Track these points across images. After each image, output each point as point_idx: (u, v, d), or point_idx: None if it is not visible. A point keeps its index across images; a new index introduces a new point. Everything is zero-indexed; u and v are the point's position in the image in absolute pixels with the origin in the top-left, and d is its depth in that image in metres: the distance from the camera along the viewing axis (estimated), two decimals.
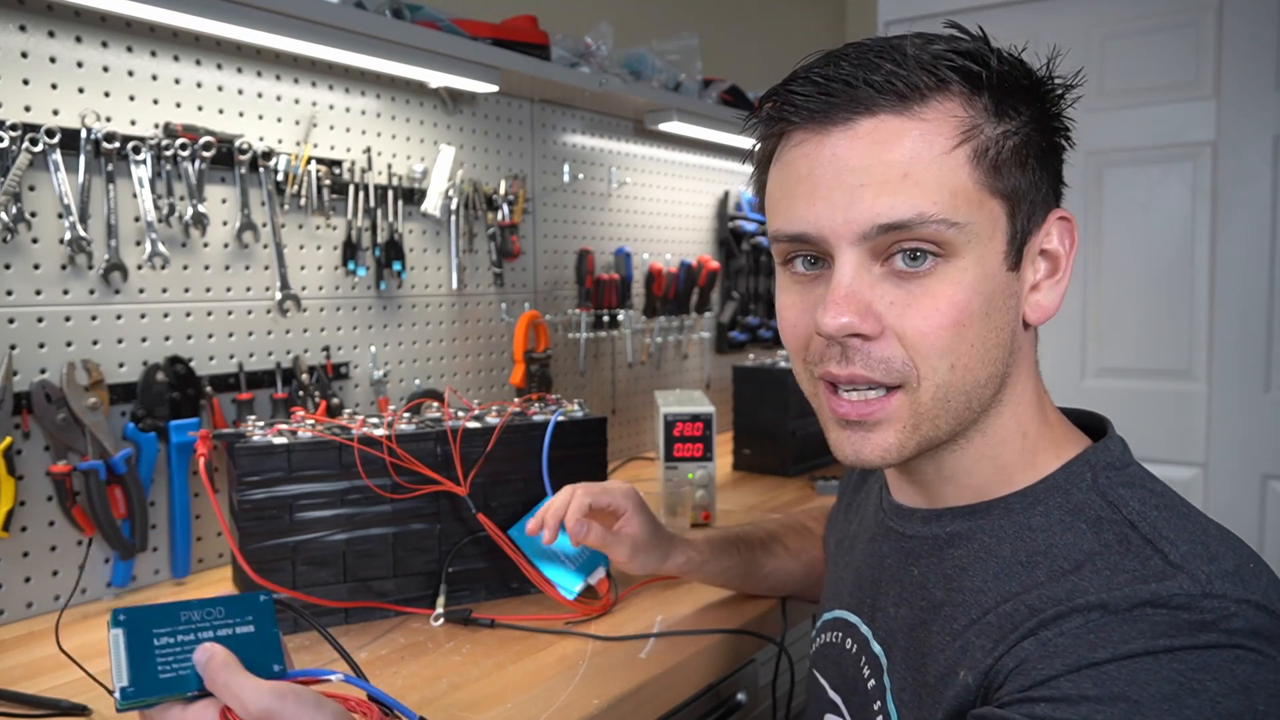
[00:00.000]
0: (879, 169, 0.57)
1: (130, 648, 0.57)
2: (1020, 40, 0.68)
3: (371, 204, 1.46)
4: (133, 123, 1.18)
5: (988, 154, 0.58)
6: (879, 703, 0.67)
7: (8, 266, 1.08)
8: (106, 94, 1.15)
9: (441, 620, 1.05)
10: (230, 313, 1.30)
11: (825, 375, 0.62)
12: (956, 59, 0.58)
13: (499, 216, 1.67)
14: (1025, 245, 0.61)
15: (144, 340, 1.21)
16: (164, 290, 1.22)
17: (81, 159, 1.12)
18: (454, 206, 1.58)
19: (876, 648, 0.70)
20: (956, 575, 0.64)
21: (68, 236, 1.11)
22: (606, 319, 1.88)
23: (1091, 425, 0.70)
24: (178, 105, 1.22)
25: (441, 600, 1.07)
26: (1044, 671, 0.53)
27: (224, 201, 1.28)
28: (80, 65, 1.13)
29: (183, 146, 1.21)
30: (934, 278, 0.58)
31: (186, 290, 1.25)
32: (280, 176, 1.33)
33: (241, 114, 1.29)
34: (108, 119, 1.15)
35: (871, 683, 0.69)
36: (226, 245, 1.29)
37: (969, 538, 0.65)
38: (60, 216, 1.11)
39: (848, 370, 0.60)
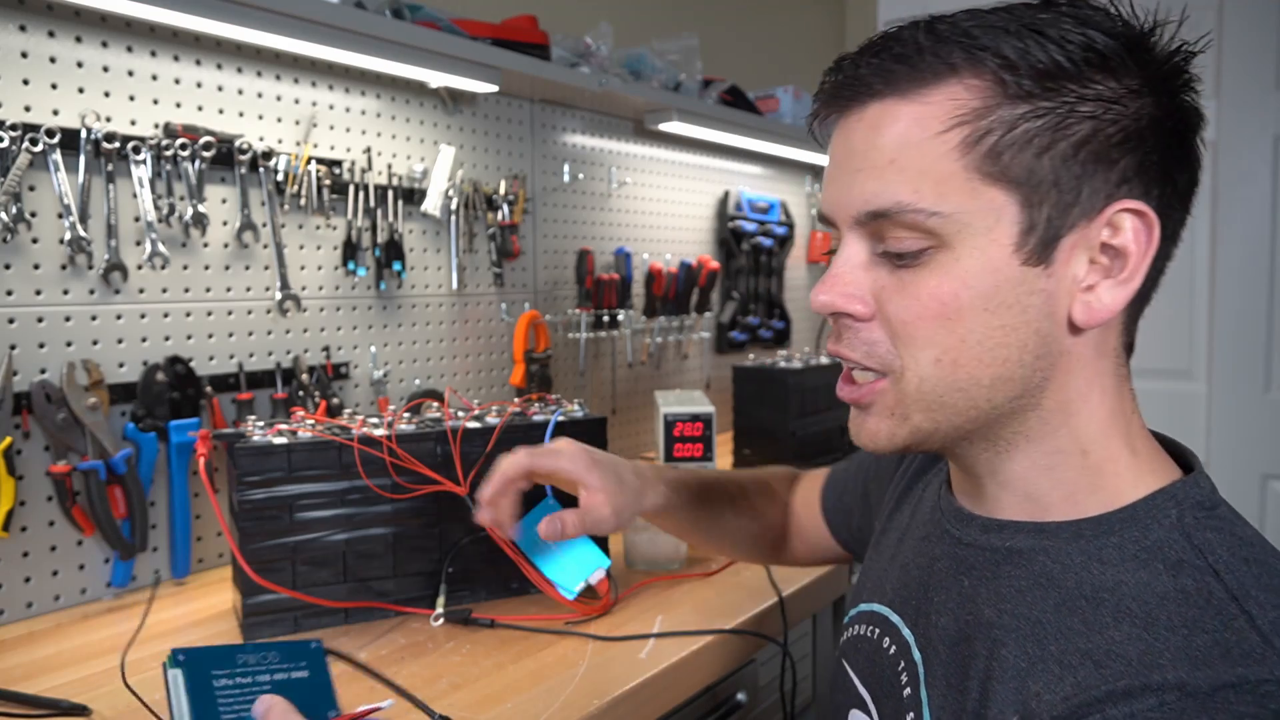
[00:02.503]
0: (871, 154, 0.58)
1: (191, 689, 0.56)
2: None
3: (371, 204, 1.46)
4: (133, 123, 1.18)
5: (985, 139, 0.55)
6: (913, 714, 0.63)
7: (8, 266, 1.08)
8: (106, 94, 1.15)
9: (441, 620, 1.05)
10: (230, 313, 1.30)
11: (829, 350, 0.64)
12: (966, 39, 0.55)
13: (499, 216, 1.67)
14: (1060, 238, 0.56)
15: (144, 340, 1.21)
16: (164, 290, 1.22)
17: (81, 159, 1.12)
18: (454, 206, 1.59)
19: (917, 654, 0.66)
20: (1012, 597, 0.60)
21: (68, 236, 1.11)
22: (606, 319, 1.88)
23: (1176, 456, 0.65)
24: (178, 105, 1.22)
25: (441, 600, 1.07)
26: None
27: (224, 201, 1.28)
28: (80, 65, 1.13)
29: (183, 146, 1.21)
30: (925, 267, 0.57)
31: (186, 290, 1.25)
32: (280, 176, 1.33)
33: (241, 114, 1.29)
34: (108, 119, 1.15)
35: (908, 691, 0.65)
36: (226, 245, 1.29)
37: (1029, 558, 0.60)
38: (60, 216, 1.11)
39: (836, 348, 0.62)
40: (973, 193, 0.55)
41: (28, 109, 1.09)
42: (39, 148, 1.08)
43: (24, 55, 1.08)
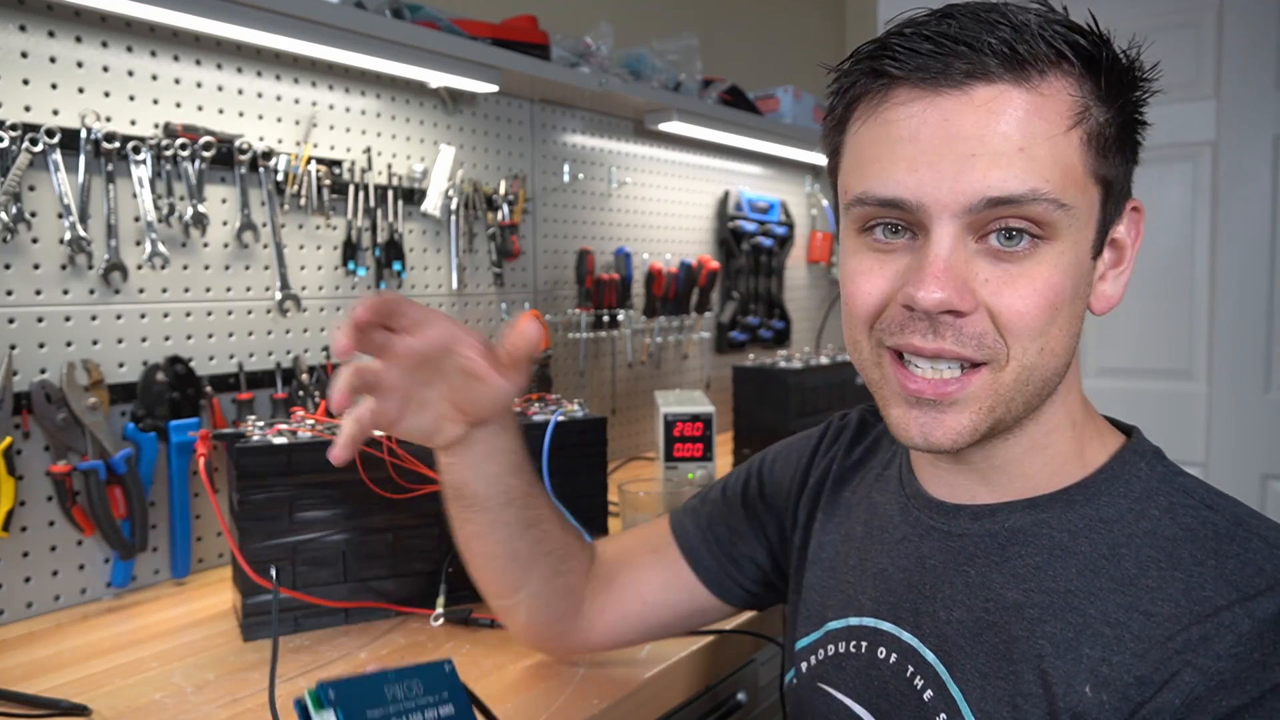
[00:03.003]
0: (993, 140, 0.54)
1: None
2: None
3: (371, 204, 1.46)
4: (133, 123, 1.18)
5: (1098, 138, 0.57)
6: (944, 715, 0.62)
7: (8, 266, 1.08)
8: (106, 94, 1.15)
9: (441, 620, 1.05)
10: (230, 313, 1.30)
11: (906, 347, 0.59)
12: (1074, 35, 0.56)
13: (499, 216, 1.67)
14: (1108, 233, 0.61)
15: (144, 340, 1.21)
16: (164, 290, 1.22)
17: (81, 159, 1.12)
18: (454, 206, 1.59)
19: (930, 655, 0.65)
20: (1032, 574, 0.61)
21: (68, 236, 1.11)
22: (606, 319, 1.88)
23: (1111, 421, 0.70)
24: (178, 105, 1.22)
25: (441, 600, 1.07)
26: (1225, 704, 0.51)
27: (224, 201, 1.28)
28: (80, 65, 1.13)
29: (183, 146, 1.21)
30: (1032, 259, 0.56)
31: (186, 290, 1.25)
32: (280, 176, 1.33)
33: (241, 114, 1.29)
34: (108, 119, 1.15)
35: (929, 694, 0.64)
36: (226, 245, 1.29)
37: (1034, 534, 0.62)
38: (60, 216, 1.11)
39: (935, 344, 0.57)
40: (1084, 188, 0.57)
41: (28, 109, 1.09)
42: (39, 148, 1.08)
43: (24, 55, 1.08)
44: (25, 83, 1.08)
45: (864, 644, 0.70)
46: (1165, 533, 0.59)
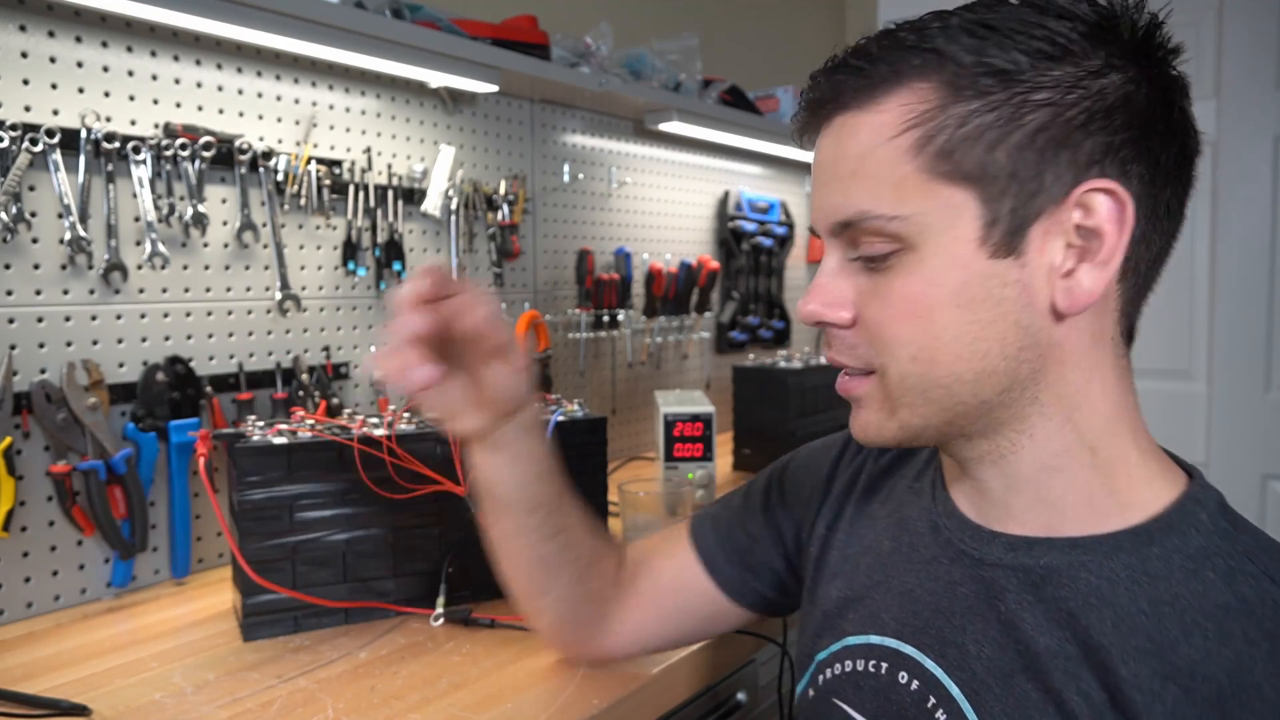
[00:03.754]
0: (837, 165, 0.60)
1: None
2: None
3: (371, 204, 1.46)
4: (133, 123, 1.18)
5: (935, 139, 0.55)
6: None
7: (8, 266, 1.08)
8: (106, 94, 1.15)
9: (441, 620, 1.05)
10: (230, 313, 1.30)
11: (826, 359, 0.66)
12: (918, 44, 0.56)
13: (499, 216, 1.67)
14: (1028, 227, 0.55)
15: (144, 340, 1.21)
16: (164, 290, 1.22)
17: (81, 159, 1.12)
18: (454, 206, 1.59)
19: (954, 689, 0.61)
20: (1065, 621, 0.58)
21: (68, 236, 1.11)
22: (606, 319, 1.88)
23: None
24: (178, 105, 1.23)
25: (441, 600, 1.07)
26: None
27: (224, 201, 1.28)
28: (80, 65, 1.13)
29: (183, 146, 1.21)
30: (892, 270, 0.58)
31: (186, 290, 1.25)
32: (280, 176, 1.33)
33: (241, 114, 1.29)
34: (108, 119, 1.15)
35: None
36: (226, 245, 1.29)
37: (1071, 576, 0.58)
38: (60, 216, 1.11)
39: (831, 354, 0.64)
40: (929, 193, 0.56)
41: (28, 109, 1.09)
42: (39, 148, 1.08)
43: (24, 55, 1.08)
44: (25, 83, 1.08)
45: (884, 665, 0.67)
46: (1218, 599, 0.54)
